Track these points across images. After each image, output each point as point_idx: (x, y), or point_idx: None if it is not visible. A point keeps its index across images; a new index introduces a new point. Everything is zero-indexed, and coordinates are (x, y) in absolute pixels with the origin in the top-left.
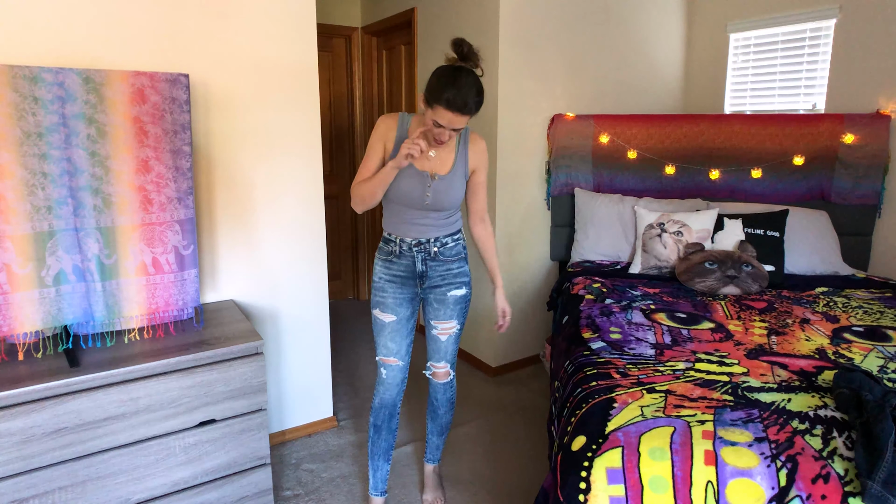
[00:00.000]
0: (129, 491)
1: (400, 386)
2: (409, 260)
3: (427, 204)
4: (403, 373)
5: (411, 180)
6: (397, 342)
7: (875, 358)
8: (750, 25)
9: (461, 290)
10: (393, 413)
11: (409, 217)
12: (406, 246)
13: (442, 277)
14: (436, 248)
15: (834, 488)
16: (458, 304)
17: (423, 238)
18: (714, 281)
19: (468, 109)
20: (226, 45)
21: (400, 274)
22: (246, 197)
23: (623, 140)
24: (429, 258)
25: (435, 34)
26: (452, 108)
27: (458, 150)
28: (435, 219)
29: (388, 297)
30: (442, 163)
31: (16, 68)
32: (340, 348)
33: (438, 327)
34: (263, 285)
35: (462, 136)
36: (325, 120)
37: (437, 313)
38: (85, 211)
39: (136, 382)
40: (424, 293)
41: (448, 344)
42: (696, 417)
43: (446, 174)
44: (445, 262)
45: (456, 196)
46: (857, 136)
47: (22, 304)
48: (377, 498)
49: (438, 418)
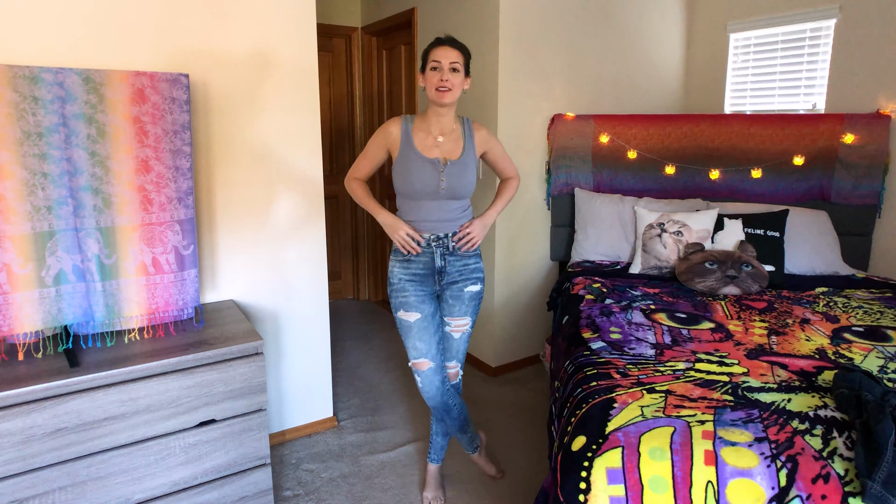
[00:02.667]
0: (129, 491)
1: (441, 388)
2: (427, 256)
3: (443, 190)
4: (440, 374)
5: (423, 168)
6: (426, 340)
7: (875, 358)
8: (750, 25)
9: (476, 285)
10: (448, 408)
11: (425, 211)
12: (425, 242)
13: (459, 273)
14: (453, 243)
15: (834, 488)
16: (474, 301)
17: (440, 233)
18: (714, 281)
19: (455, 42)
20: (226, 45)
21: (419, 272)
22: (246, 197)
23: (623, 140)
24: (447, 253)
25: (435, 34)
26: (439, 43)
27: (465, 138)
28: (451, 211)
29: (410, 295)
30: (452, 149)
31: (16, 68)
32: (340, 348)
33: (452, 324)
34: (263, 285)
35: (465, 127)
36: (325, 120)
37: (453, 309)
38: (85, 211)
39: (136, 382)
40: (442, 290)
41: (461, 342)
42: (696, 417)
43: (458, 158)
44: (463, 258)
45: (470, 180)
46: (857, 136)
47: (22, 304)
48: (432, 465)
49: (452, 411)
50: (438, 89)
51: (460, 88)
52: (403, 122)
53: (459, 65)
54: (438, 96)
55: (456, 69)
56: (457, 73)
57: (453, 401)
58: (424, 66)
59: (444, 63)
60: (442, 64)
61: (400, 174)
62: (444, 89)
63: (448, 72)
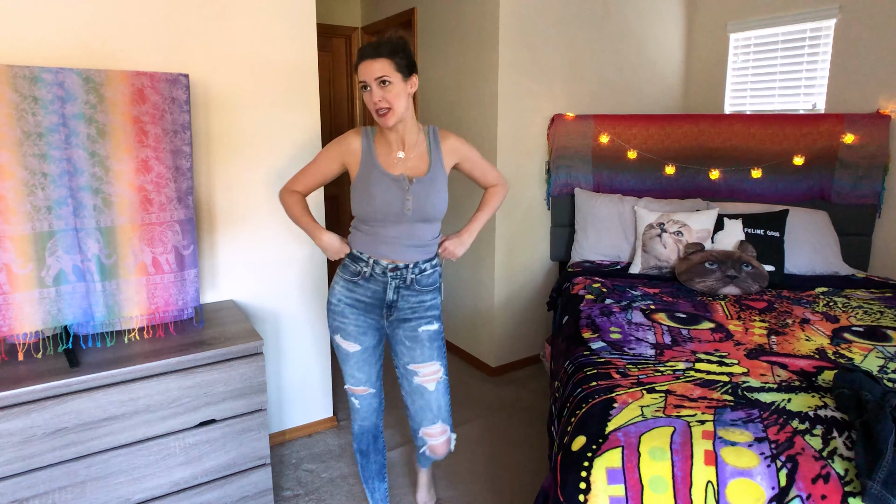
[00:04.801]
0: (129, 491)
1: (377, 411)
2: (378, 286)
3: (408, 212)
4: (378, 398)
5: (386, 187)
6: (366, 371)
7: (875, 358)
8: (750, 25)
9: (433, 324)
10: (376, 435)
11: (388, 234)
12: (380, 269)
13: (412, 310)
14: (413, 275)
15: (834, 488)
16: (435, 342)
17: (401, 262)
18: (714, 281)
19: (377, 49)
20: (226, 45)
21: (364, 299)
22: (246, 197)
23: (623, 140)
24: (403, 286)
25: (435, 34)
26: (360, 58)
27: (431, 151)
28: (419, 237)
29: (350, 323)
30: (417, 165)
31: (16, 68)
32: None
33: (420, 372)
34: (263, 285)
35: (431, 138)
36: (324, 120)
37: (413, 354)
38: (85, 211)
39: (136, 382)
40: (391, 326)
41: (440, 395)
42: (696, 417)
43: (425, 174)
44: (419, 293)
45: (439, 200)
46: (857, 136)
47: (22, 305)
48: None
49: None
50: (379, 114)
51: (403, 98)
52: (364, 136)
53: (389, 75)
54: (383, 121)
55: (386, 81)
56: (389, 84)
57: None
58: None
59: (369, 81)
60: (368, 82)
61: (360, 194)
62: (383, 112)
63: (378, 90)
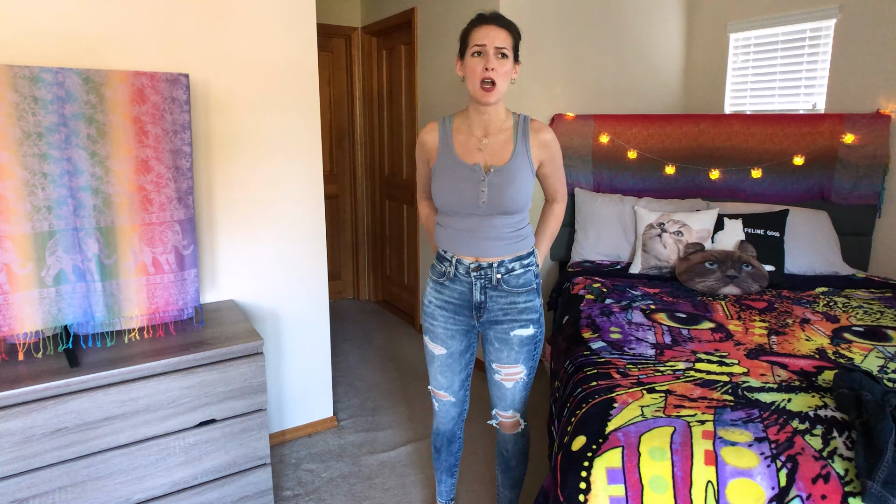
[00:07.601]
0: (129, 491)
1: (455, 420)
2: (464, 286)
3: (483, 204)
4: (458, 408)
5: (459, 176)
6: (448, 377)
7: (875, 358)
8: (750, 25)
9: (528, 329)
10: (452, 439)
11: (465, 228)
12: (463, 269)
13: (504, 312)
14: (499, 274)
15: (834, 488)
16: (526, 346)
17: (484, 261)
18: (714, 281)
19: (502, 20)
20: (226, 45)
21: (452, 301)
22: (246, 197)
23: (623, 140)
24: (489, 287)
25: (435, 34)
26: (482, 21)
27: (518, 139)
28: (500, 229)
29: (438, 326)
30: (497, 152)
31: (16, 68)
32: (340, 348)
33: (502, 372)
34: (263, 285)
35: (520, 126)
36: (325, 120)
37: (500, 355)
38: (85, 211)
39: (136, 382)
40: (483, 327)
41: (516, 391)
42: (696, 417)
43: (504, 164)
44: (510, 294)
45: (519, 192)
46: (857, 136)
47: (22, 304)
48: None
49: (510, 471)
50: (483, 86)
51: (508, 79)
52: (441, 127)
53: (508, 49)
54: (483, 95)
55: (504, 54)
56: (505, 59)
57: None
58: (464, 50)
59: (489, 47)
60: (487, 48)
61: (436, 186)
62: (488, 85)
63: (494, 58)
